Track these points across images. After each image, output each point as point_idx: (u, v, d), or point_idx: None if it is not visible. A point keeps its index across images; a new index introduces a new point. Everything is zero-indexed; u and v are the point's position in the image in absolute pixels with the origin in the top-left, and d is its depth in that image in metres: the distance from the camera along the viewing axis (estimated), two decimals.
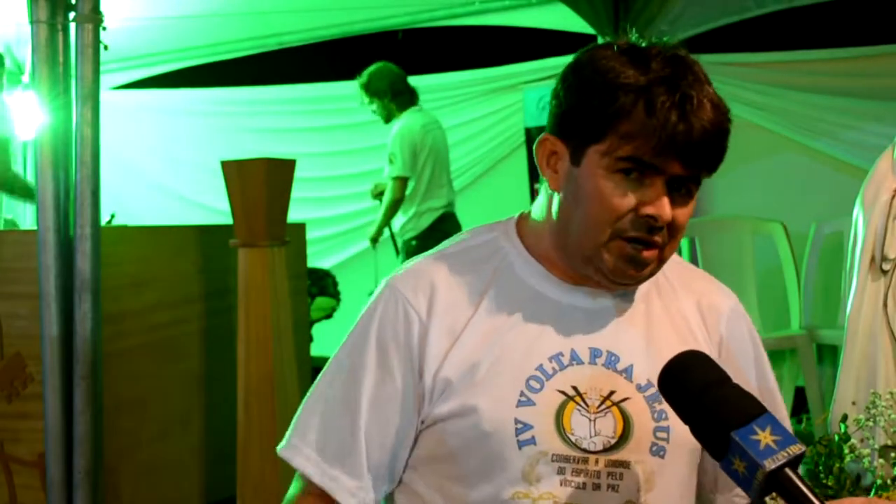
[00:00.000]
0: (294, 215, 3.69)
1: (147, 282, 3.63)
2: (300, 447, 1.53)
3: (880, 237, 2.35)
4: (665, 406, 1.47)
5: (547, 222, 1.53)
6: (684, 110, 1.39)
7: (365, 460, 1.49)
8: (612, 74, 1.42)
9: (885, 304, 2.34)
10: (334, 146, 6.91)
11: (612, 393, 1.48)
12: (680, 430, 1.47)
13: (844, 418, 2.25)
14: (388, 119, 5.90)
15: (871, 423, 2.18)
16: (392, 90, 5.82)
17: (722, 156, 1.45)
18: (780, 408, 1.64)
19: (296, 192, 3.60)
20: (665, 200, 1.43)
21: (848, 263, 2.45)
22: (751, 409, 1.30)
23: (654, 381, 1.47)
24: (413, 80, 6.68)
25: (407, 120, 5.82)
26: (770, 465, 1.24)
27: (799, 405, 4.93)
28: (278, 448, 1.56)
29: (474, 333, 1.48)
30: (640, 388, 1.50)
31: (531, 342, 1.49)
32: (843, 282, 2.47)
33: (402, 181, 5.77)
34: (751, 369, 1.61)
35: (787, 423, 1.67)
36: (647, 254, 1.45)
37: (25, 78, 5.81)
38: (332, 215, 6.91)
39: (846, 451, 2.16)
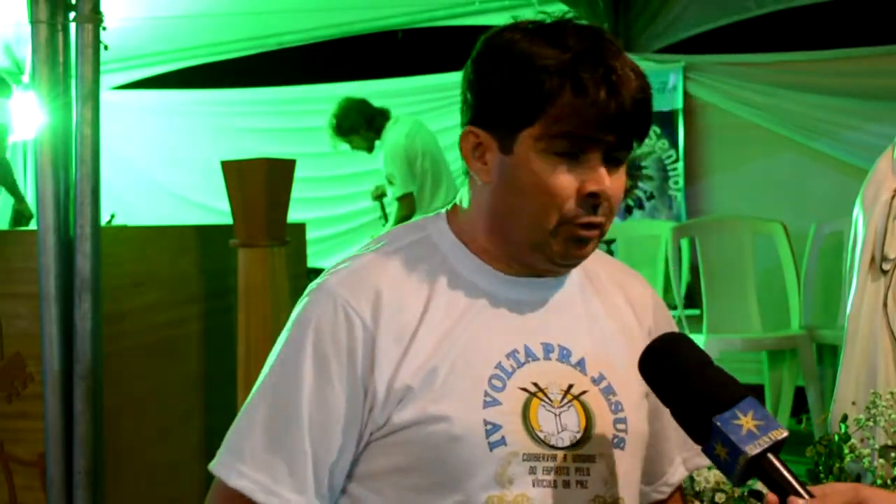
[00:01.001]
0: (294, 215, 3.69)
1: (147, 282, 3.62)
2: (235, 464, 1.44)
3: (880, 237, 2.35)
4: (620, 397, 1.48)
5: (479, 216, 1.49)
6: (611, 83, 1.38)
7: (310, 474, 1.42)
8: (532, 57, 1.40)
9: (885, 304, 2.34)
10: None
11: (570, 387, 1.46)
12: (634, 420, 1.49)
13: (844, 418, 2.26)
14: (370, 148, 5.90)
15: (871, 423, 2.18)
16: (364, 120, 5.81)
17: (649, 121, 1.45)
18: None
19: (296, 192, 3.59)
20: (604, 174, 1.42)
21: (848, 263, 2.45)
22: (733, 394, 1.29)
23: (606, 373, 1.48)
24: (413, 80, 6.68)
25: (390, 137, 5.81)
26: (752, 450, 1.24)
27: (799, 405, 4.93)
28: (210, 465, 1.47)
29: (427, 338, 1.43)
30: (594, 381, 1.48)
31: (485, 341, 1.45)
32: (843, 282, 2.47)
33: (408, 198, 5.77)
34: None
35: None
36: (592, 233, 1.45)
37: (25, 78, 5.82)
38: (332, 215, 6.91)
39: (846, 451, 2.16)
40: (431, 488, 1.41)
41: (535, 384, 1.44)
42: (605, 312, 1.55)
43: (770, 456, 1.25)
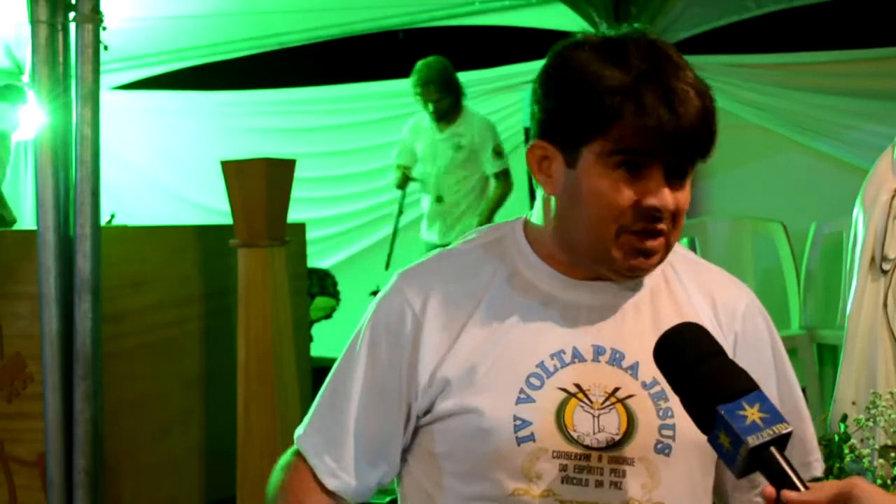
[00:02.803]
0: (294, 215, 3.69)
1: (147, 282, 3.63)
2: (306, 425, 1.61)
3: (880, 237, 2.35)
4: (671, 403, 1.47)
5: (547, 226, 1.54)
6: (672, 104, 1.40)
7: (351, 446, 1.54)
8: (595, 76, 1.43)
9: (885, 304, 2.34)
10: (334, 146, 6.91)
11: (616, 389, 1.48)
12: (686, 428, 1.45)
13: (844, 418, 2.26)
14: (441, 116, 5.53)
15: (871, 424, 2.18)
16: (461, 87, 5.57)
17: (713, 138, 1.45)
18: (802, 409, 1.64)
19: (296, 192, 3.60)
20: (665, 190, 1.44)
21: (848, 263, 2.45)
22: (741, 385, 1.29)
23: (660, 378, 1.46)
24: None
25: (479, 114, 5.61)
26: (753, 441, 1.24)
27: None
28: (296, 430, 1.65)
29: (474, 333, 1.49)
30: (645, 386, 1.49)
31: (533, 340, 1.49)
32: (843, 282, 2.47)
33: (508, 173, 5.51)
34: (770, 369, 1.61)
35: (811, 430, 1.67)
36: (653, 243, 1.46)
37: (25, 78, 5.82)
38: (332, 215, 6.91)
39: (846, 451, 2.16)
40: (464, 475, 1.48)
41: (577, 385, 1.47)
42: (678, 317, 1.54)
43: (773, 450, 1.25)
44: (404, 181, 5.71)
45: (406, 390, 1.51)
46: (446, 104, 5.52)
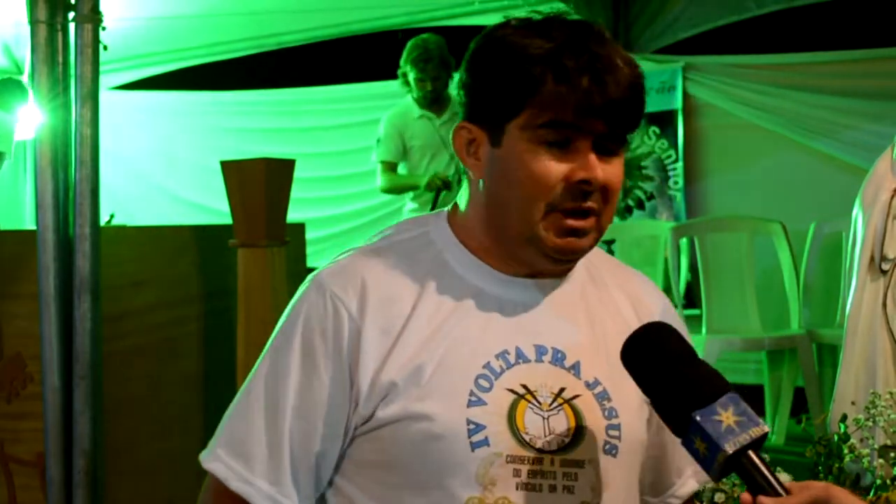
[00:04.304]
0: (294, 215, 3.69)
1: (147, 282, 3.62)
2: (216, 448, 1.47)
3: (880, 237, 2.35)
4: (615, 403, 1.45)
5: (476, 213, 1.47)
6: (595, 70, 1.37)
7: (287, 465, 1.42)
8: (517, 48, 1.39)
9: (884, 304, 2.35)
10: (334, 146, 6.91)
11: (562, 390, 1.43)
12: (630, 428, 1.46)
13: (844, 418, 2.26)
14: (437, 98, 5.34)
15: (870, 423, 2.18)
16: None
17: (641, 111, 1.42)
18: None
19: (296, 192, 3.59)
20: (595, 162, 1.39)
21: (848, 263, 2.46)
22: (715, 389, 1.27)
23: (601, 378, 1.46)
24: None
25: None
26: (731, 448, 1.23)
27: (799, 405, 4.93)
28: (200, 455, 1.50)
29: (415, 333, 1.41)
30: (588, 386, 1.45)
31: (476, 340, 1.43)
32: (843, 282, 2.47)
33: None
34: None
35: None
36: (584, 223, 1.41)
37: (25, 78, 5.81)
38: (332, 215, 6.91)
39: (846, 451, 2.16)
40: (411, 486, 1.39)
41: (524, 386, 1.42)
42: (607, 315, 1.52)
43: (750, 453, 1.24)
44: (442, 185, 5.24)
45: (348, 399, 1.41)
46: (443, 84, 5.37)
